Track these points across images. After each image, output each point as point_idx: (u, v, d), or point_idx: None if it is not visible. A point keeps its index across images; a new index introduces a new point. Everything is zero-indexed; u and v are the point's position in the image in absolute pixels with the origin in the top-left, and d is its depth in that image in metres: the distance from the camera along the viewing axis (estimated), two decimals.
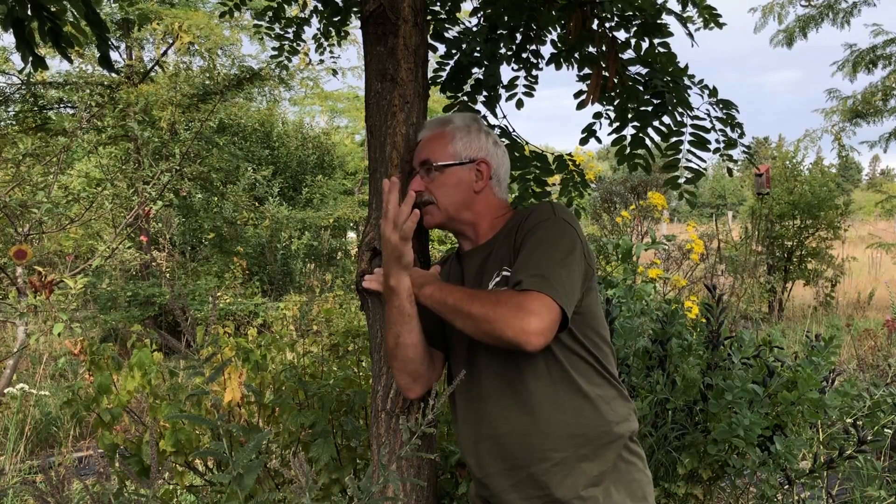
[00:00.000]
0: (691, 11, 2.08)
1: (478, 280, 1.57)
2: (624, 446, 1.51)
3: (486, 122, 2.04)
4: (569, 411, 1.46)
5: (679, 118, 1.93)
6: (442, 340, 1.64)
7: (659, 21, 1.94)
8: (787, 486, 2.61)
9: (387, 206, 1.51)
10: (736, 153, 1.96)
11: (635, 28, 1.96)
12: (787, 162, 10.32)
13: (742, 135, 1.95)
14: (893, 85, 9.96)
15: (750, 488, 2.76)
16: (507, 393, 1.50)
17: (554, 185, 2.57)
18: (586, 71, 2.11)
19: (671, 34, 1.99)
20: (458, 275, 1.64)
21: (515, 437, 1.49)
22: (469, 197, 1.60)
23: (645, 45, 1.98)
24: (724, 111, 1.92)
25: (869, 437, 2.46)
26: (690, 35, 1.99)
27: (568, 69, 2.21)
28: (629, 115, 2.04)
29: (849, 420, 3.01)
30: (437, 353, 1.66)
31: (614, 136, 2.08)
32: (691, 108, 1.91)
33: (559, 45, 2.16)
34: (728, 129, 1.93)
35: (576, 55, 2.15)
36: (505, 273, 1.49)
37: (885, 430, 3.16)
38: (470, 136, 1.61)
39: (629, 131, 2.06)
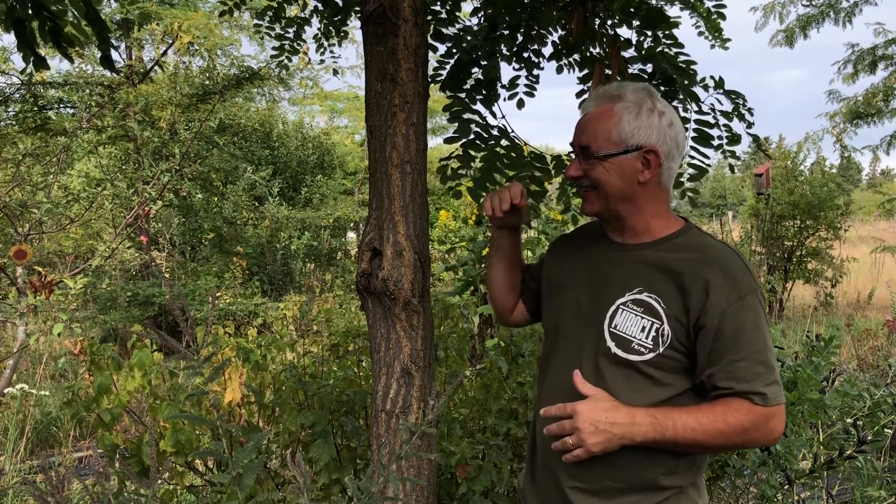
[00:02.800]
0: (701, 25, 2.08)
1: (609, 281, 1.42)
2: (683, 492, 1.40)
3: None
4: (643, 456, 1.35)
5: (683, 113, 1.93)
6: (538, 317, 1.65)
7: (662, 10, 1.92)
8: (787, 486, 2.61)
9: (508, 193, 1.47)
10: (743, 146, 1.96)
11: (638, 22, 1.95)
12: (788, 162, 10.33)
13: (751, 124, 1.94)
14: (894, 85, 9.96)
15: (750, 488, 2.75)
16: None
17: (552, 184, 2.56)
18: (587, 72, 2.11)
19: (676, 25, 1.96)
20: (593, 263, 1.48)
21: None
22: (632, 189, 1.39)
23: (649, 40, 1.97)
24: (733, 100, 1.91)
25: (869, 438, 2.46)
26: (704, 15, 1.97)
27: (569, 72, 2.20)
28: None
29: (849, 420, 3.01)
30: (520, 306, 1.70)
31: None
32: (698, 100, 1.89)
33: (559, 46, 2.16)
34: (734, 123, 1.92)
35: (576, 56, 2.15)
36: (646, 299, 1.35)
37: (885, 430, 3.16)
38: (640, 118, 1.37)
39: None
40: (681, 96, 1.91)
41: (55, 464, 4.18)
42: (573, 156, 1.46)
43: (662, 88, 1.94)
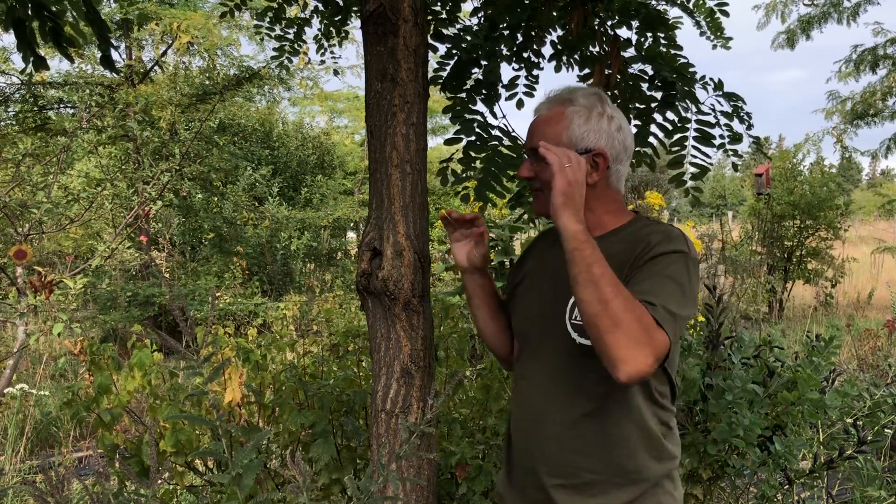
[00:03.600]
0: (702, 25, 2.08)
1: (565, 279, 1.42)
2: (661, 482, 1.43)
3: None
4: (617, 444, 1.39)
5: (684, 113, 1.93)
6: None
7: (661, 14, 1.93)
8: (787, 486, 2.61)
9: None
10: (743, 147, 1.96)
11: (637, 24, 1.95)
12: (788, 162, 10.33)
13: (750, 126, 1.94)
14: (893, 85, 9.96)
15: (750, 488, 2.76)
16: (561, 398, 1.44)
17: None
18: (587, 71, 2.11)
19: (675, 27, 1.98)
20: (552, 263, 1.52)
21: (551, 444, 1.44)
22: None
23: (648, 41, 1.98)
24: (732, 103, 1.92)
25: (869, 438, 2.46)
26: (706, 14, 1.98)
27: (568, 71, 2.21)
28: (632, 115, 2.04)
29: (849, 420, 3.01)
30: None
31: None
32: (698, 102, 1.90)
33: (559, 46, 2.16)
34: (735, 123, 1.92)
35: (576, 56, 2.15)
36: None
37: (885, 430, 3.16)
38: (590, 122, 1.42)
39: (632, 130, 2.06)
40: (682, 98, 1.91)
41: (55, 464, 4.18)
42: (525, 157, 1.50)
43: (664, 92, 1.94)
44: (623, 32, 2.02)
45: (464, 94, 2.14)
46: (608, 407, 1.39)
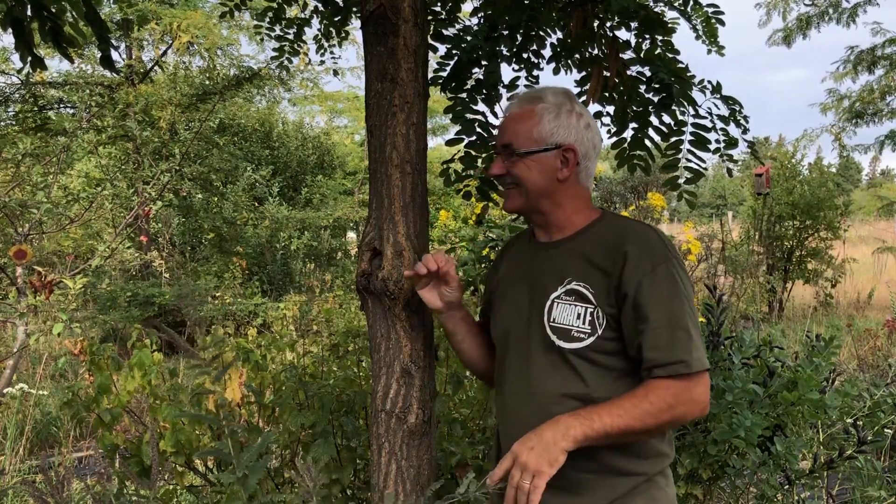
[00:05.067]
0: (699, 30, 2.07)
1: (542, 280, 1.49)
2: (649, 482, 1.44)
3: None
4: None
5: (680, 116, 1.93)
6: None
7: (660, 17, 1.93)
8: (787, 487, 2.61)
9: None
10: (738, 151, 1.96)
11: (636, 27, 1.95)
12: (787, 162, 10.33)
13: (747, 130, 1.94)
14: (891, 84, 9.96)
15: (750, 488, 2.76)
16: (544, 399, 1.44)
17: None
18: (584, 74, 2.11)
19: (673, 31, 1.98)
20: (525, 266, 1.55)
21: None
22: (551, 185, 1.48)
23: (647, 44, 1.98)
24: (729, 107, 1.92)
25: (869, 438, 2.46)
26: (703, 18, 1.98)
27: (566, 73, 2.21)
28: (629, 117, 2.04)
29: (849, 420, 3.01)
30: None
31: (614, 139, 2.08)
32: (695, 104, 1.90)
33: (558, 49, 2.16)
34: (731, 126, 1.92)
35: (576, 57, 2.15)
36: (576, 287, 1.42)
37: (886, 430, 3.16)
38: (560, 119, 1.47)
39: (628, 133, 2.06)
40: (679, 100, 1.91)
41: (55, 464, 4.19)
42: (496, 155, 1.54)
43: (661, 95, 1.93)
44: (622, 34, 2.02)
45: (464, 95, 2.14)
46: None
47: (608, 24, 2.01)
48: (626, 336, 1.39)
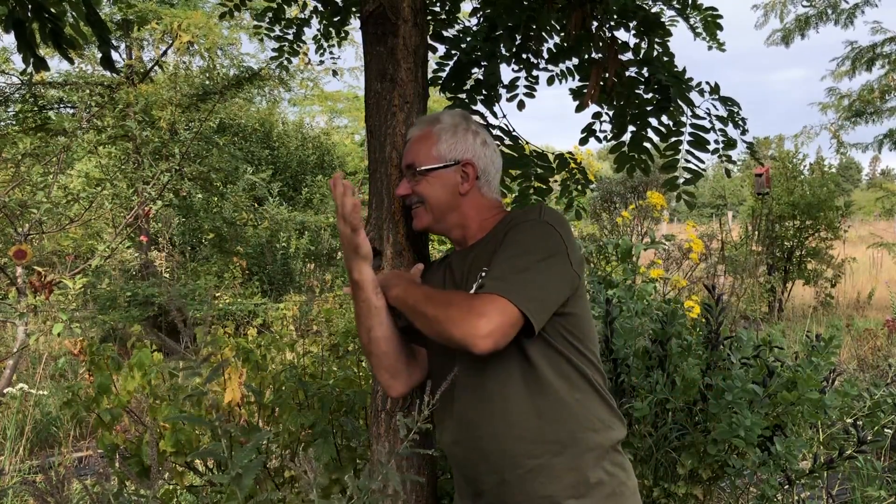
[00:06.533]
0: (698, 28, 2.08)
1: (462, 283, 1.54)
2: (607, 456, 1.46)
3: (481, 120, 2.03)
4: (544, 416, 1.42)
5: (679, 117, 1.93)
6: (422, 337, 1.57)
7: (659, 17, 1.93)
8: (787, 487, 2.61)
9: (337, 202, 1.51)
10: (737, 153, 1.96)
11: (634, 28, 1.96)
12: (787, 162, 10.32)
13: (745, 131, 1.94)
14: (891, 84, 9.96)
15: (750, 488, 2.76)
16: (480, 396, 1.46)
17: (555, 181, 2.57)
18: (580, 83, 2.11)
19: (671, 33, 1.99)
20: (446, 278, 1.62)
21: (488, 442, 1.45)
22: (455, 199, 1.58)
23: (644, 45, 1.98)
24: (727, 108, 1.92)
25: (869, 438, 2.46)
26: (703, 16, 1.98)
27: (560, 83, 2.22)
28: (628, 118, 2.04)
29: (849, 420, 3.01)
30: (420, 351, 1.64)
31: (613, 141, 2.08)
32: (692, 104, 1.90)
33: (555, 52, 2.17)
34: (730, 127, 1.93)
35: (573, 61, 2.15)
36: (484, 272, 1.47)
37: (885, 430, 3.16)
38: (456, 137, 1.59)
39: (627, 136, 2.06)
40: (677, 102, 1.91)
41: (55, 464, 4.18)
42: (403, 176, 1.65)
43: (658, 97, 1.94)
44: (620, 35, 2.02)
45: (464, 95, 2.14)
46: (523, 389, 1.43)
47: (607, 25, 2.01)
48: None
